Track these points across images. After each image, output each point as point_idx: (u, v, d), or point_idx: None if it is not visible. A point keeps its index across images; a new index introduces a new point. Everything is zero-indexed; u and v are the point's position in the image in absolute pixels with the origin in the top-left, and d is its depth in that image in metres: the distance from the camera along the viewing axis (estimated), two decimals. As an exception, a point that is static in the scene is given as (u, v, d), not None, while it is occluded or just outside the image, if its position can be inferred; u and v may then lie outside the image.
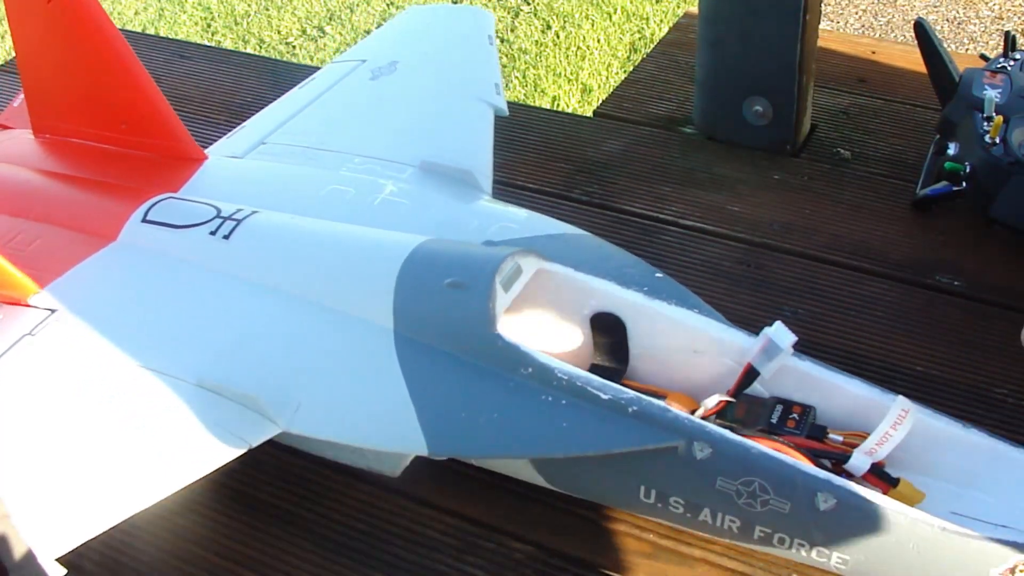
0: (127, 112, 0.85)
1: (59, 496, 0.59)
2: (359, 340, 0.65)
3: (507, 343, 0.59)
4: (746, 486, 0.54)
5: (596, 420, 0.57)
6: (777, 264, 0.85)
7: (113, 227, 0.76)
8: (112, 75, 0.83)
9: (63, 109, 0.87)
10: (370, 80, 0.96)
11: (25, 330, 0.69)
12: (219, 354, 0.66)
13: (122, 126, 0.85)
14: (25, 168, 0.85)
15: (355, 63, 0.99)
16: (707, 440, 0.54)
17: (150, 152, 0.85)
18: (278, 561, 0.64)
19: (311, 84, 0.98)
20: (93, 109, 0.85)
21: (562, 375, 0.58)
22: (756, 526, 0.55)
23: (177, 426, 0.62)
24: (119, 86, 0.83)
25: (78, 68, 0.83)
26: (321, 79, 0.98)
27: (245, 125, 0.94)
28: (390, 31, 1.08)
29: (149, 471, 0.60)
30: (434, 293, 0.62)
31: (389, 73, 0.96)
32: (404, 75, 0.96)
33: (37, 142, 0.89)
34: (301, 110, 0.93)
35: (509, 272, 0.62)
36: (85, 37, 0.81)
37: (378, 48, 1.02)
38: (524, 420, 0.58)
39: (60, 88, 0.86)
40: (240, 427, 0.62)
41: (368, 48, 1.03)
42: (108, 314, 0.70)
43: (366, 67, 0.98)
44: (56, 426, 0.63)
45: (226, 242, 0.72)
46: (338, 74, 0.98)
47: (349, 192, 0.78)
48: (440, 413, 0.60)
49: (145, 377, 0.65)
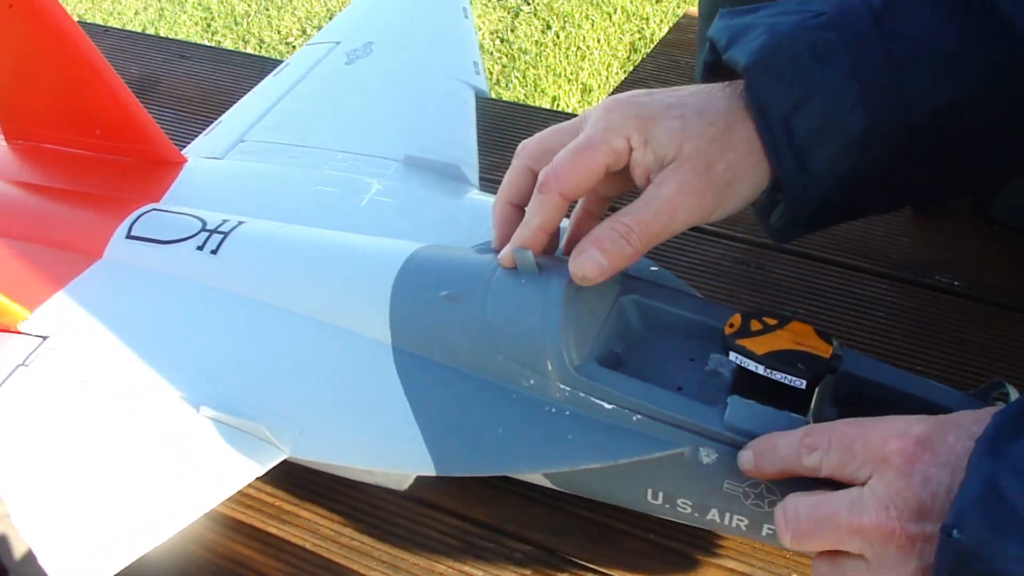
0: (100, 117, 0.83)
1: (69, 536, 0.58)
2: (358, 357, 0.64)
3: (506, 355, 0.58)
4: (753, 488, 0.54)
5: (601, 431, 0.56)
6: (777, 264, 0.85)
7: (97, 244, 0.75)
8: (80, 80, 0.81)
9: (34, 116, 0.85)
10: (346, 65, 0.94)
11: (18, 360, 0.68)
12: (217, 378, 0.65)
13: (96, 132, 0.83)
14: (0, 180, 0.84)
15: (329, 45, 0.97)
16: (713, 445, 0.54)
17: (127, 156, 0.84)
18: (278, 561, 0.64)
19: (285, 71, 0.96)
20: (65, 115, 0.84)
21: (564, 386, 0.57)
22: (764, 524, 0.55)
23: (182, 458, 0.61)
24: (89, 91, 0.82)
25: (44, 74, 0.82)
26: (295, 64, 0.96)
27: (222, 121, 0.92)
28: (362, 6, 1.06)
29: (154, 508, 0.59)
30: (430, 306, 0.61)
31: (365, 55, 0.94)
32: (380, 57, 0.94)
33: (10, 149, 0.87)
34: (278, 101, 0.92)
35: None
36: (50, 42, 0.80)
37: (351, 27, 1.00)
38: (529, 434, 0.57)
39: (29, 95, 0.84)
40: (247, 455, 0.61)
41: (341, 27, 1.01)
42: (101, 339, 0.69)
43: (340, 50, 0.96)
44: (56, 462, 0.62)
45: (214, 257, 0.71)
46: (312, 59, 0.96)
47: (335, 193, 0.77)
48: (445, 432, 0.59)
49: (144, 407, 0.64)
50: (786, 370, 0.53)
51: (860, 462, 0.46)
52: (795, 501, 0.48)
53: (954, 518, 0.41)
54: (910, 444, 0.44)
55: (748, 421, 0.53)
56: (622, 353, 0.61)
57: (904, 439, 0.44)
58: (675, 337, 0.62)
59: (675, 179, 0.55)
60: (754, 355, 0.54)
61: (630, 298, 0.62)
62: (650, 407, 0.55)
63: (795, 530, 0.47)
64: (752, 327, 0.55)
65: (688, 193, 0.54)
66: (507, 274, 0.60)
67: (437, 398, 0.61)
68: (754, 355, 0.54)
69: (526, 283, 0.59)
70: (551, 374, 0.57)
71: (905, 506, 0.44)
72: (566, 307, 0.57)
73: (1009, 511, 0.40)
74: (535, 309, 0.58)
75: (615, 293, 0.62)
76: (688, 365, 0.60)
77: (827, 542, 0.47)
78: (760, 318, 0.55)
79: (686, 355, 0.61)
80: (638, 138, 0.55)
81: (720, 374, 0.59)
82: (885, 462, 0.45)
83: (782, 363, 0.53)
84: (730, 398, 0.54)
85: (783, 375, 0.53)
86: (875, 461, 0.45)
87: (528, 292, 0.58)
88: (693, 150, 0.55)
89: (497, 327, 0.59)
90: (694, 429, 0.54)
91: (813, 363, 0.53)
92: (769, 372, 0.54)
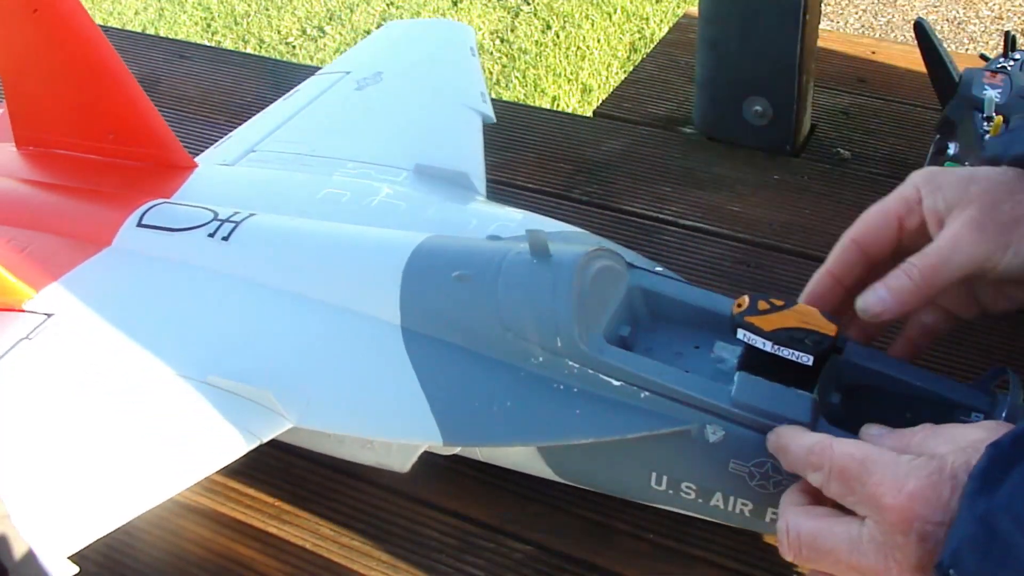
0: (115, 122, 0.83)
1: (65, 496, 0.58)
2: (367, 335, 0.64)
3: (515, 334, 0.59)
4: (759, 467, 0.54)
5: (608, 407, 0.57)
6: (777, 264, 0.85)
7: (107, 232, 0.75)
8: (101, 85, 0.81)
9: (49, 120, 0.85)
10: (356, 90, 0.96)
11: (21, 334, 0.68)
12: (225, 351, 0.66)
13: (110, 136, 0.83)
14: (10, 179, 0.84)
15: (339, 75, 0.99)
16: (720, 423, 0.54)
17: (139, 161, 0.84)
18: (278, 561, 0.64)
19: (296, 96, 0.98)
20: (80, 120, 0.84)
21: (572, 364, 0.58)
22: (768, 508, 0.56)
23: (185, 422, 0.62)
24: (108, 96, 0.82)
25: (66, 79, 0.82)
26: (305, 90, 0.98)
27: (232, 135, 0.93)
28: (371, 44, 1.09)
29: (157, 469, 0.59)
30: (441, 286, 0.62)
31: (375, 83, 0.96)
32: (390, 85, 0.96)
33: (21, 154, 0.87)
34: (289, 119, 0.93)
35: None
36: (74, 47, 0.80)
37: (361, 60, 1.03)
38: (537, 409, 0.58)
39: (46, 99, 0.84)
40: (250, 422, 0.62)
41: (350, 61, 1.04)
42: (108, 316, 0.69)
43: (351, 78, 0.98)
44: (58, 426, 0.62)
45: (225, 243, 0.71)
46: (322, 86, 0.98)
47: (345, 195, 0.78)
48: (452, 404, 0.60)
49: (149, 375, 0.65)
50: (794, 346, 0.54)
51: (858, 499, 0.46)
52: (796, 520, 0.49)
53: (950, 558, 0.41)
54: (904, 501, 0.44)
55: (755, 397, 0.54)
56: (629, 338, 0.61)
57: (898, 496, 0.44)
58: (681, 326, 0.63)
59: (959, 217, 0.56)
60: (762, 331, 0.54)
61: (637, 287, 0.63)
62: (658, 384, 0.56)
63: (796, 553, 0.49)
64: (760, 307, 0.55)
65: (970, 228, 0.55)
66: (519, 256, 0.61)
67: (445, 373, 0.61)
68: (762, 331, 0.54)
69: (538, 263, 0.60)
70: (560, 351, 0.58)
71: (904, 559, 0.44)
72: (577, 286, 0.58)
73: (1004, 548, 0.40)
74: (546, 287, 0.59)
75: (624, 281, 0.63)
76: (694, 352, 0.61)
77: (827, 570, 0.48)
78: (767, 299, 0.56)
79: (692, 343, 0.62)
80: (927, 187, 0.58)
81: (725, 360, 0.60)
82: (882, 511, 0.45)
83: (790, 340, 0.54)
84: (737, 374, 0.55)
85: (791, 351, 0.54)
86: (872, 506, 0.45)
87: (540, 271, 0.59)
88: (979, 191, 0.56)
89: (507, 305, 0.60)
90: (702, 406, 0.55)
91: (820, 340, 0.54)
92: (777, 349, 0.54)
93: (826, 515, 0.48)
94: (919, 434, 0.48)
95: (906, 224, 0.59)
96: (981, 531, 0.41)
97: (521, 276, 0.60)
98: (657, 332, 0.63)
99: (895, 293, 0.56)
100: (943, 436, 0.47)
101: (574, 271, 0.59)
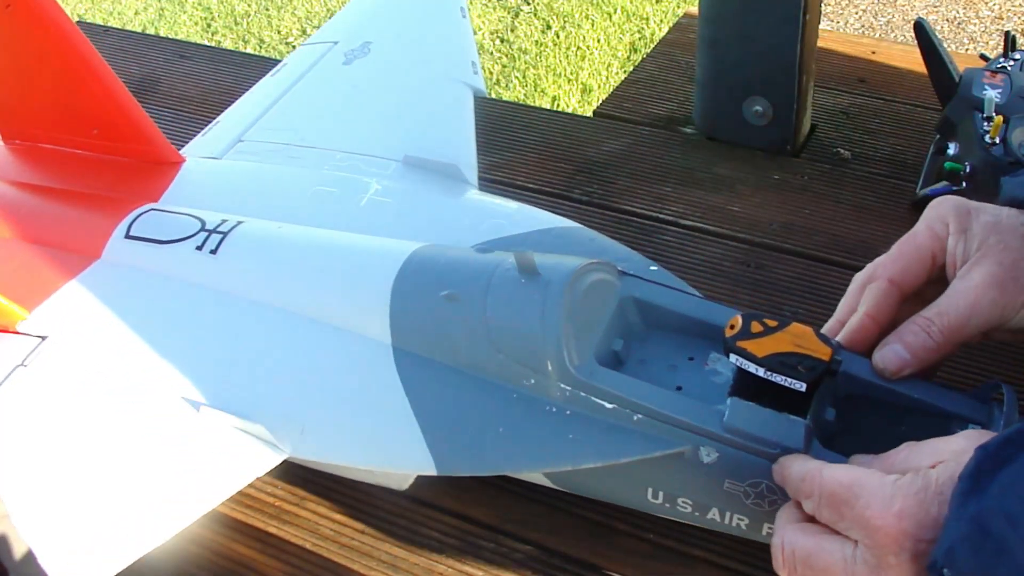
0: (98, 117, 0.83)
1: (69, 536, 0.58)
2: (358, 357, 0.64)
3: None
4: (753, 487, 0.54)
5: (601, 430, 0.56)
6: (777, 264, 0.85)
7: (96, 244, 0.75)
8: (78, 80, 0.81)
9: (31, 115, 0.85)
10: (344, 65, 0.94)
11: (17, 360, 0.68)
12: (217, 378, 0.65)
13: (94, 131, 0.83)
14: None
15: (327, 45, 0.97)
16: (713, 445, 0.54)
17: (125, 156, 0.83)
18: (278, 561, 0.64)
19: (283, 71, 0.96)
20: (62, 115, 0.84)
21: (564, 386, 0.57)
22: (765, 523, 0.55)
23: (182, 459, 0.61)
24: (86, 91, 0.82)
25: (41, 74, 0.82)
26: (293, 64, 0.97)
27: (219, 121, 0.92)
28: (359, 6, 1.06)
29: (154, 509, 0.59)
30: (430, 306, 0.62)
31: (363, 56, 0.94)
32: (378, 58, 0.94)
33: (7, 149, 0.87)
34: (276, 101, 0.92)
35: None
36: (48, 43, 0.80)
37: (349, 27, 1.00)
38: (530, 434, 0.57)
39: (28, 95, 0.84)
40: (247, 455, 0.61)
41: (338, 28, 1.02)
42: (100, 340, 0.69)
43: (338, 50, 0.96)
44: (56, 462, 0.62)
45: (213, 257, 0.71)
46: (310, 59, 0.96)
47: (334, 193, 0.77)
48: (445, 432, 0.59)
49: (143, 407, 0.64)
50: (786, 373, 0.53)
51: (848, 524, 0.46)
52: (792, 537, 0.49)
53: (944, 556, 0.42)
54: (892, 521, 0.44)
55: (747, 423, 0.53)
56: (622, 352, 0.61)
57: (887, 517, 0.44)
58: (675, 335, 0.62)
59: (979, 271, 0.55)
60: (755, 357, 0.53)
61: (630, 297, 0.62)
62: (650, 407, 0.55)
63: (791, 570, 0.49)
64: (752, 329, 0.55)
65: (990, 285, 0.55)
66: (507, 274, 0.60)
67: (438, 398, 0.61)
68: (755, 357, 0.53)
69: (526, 283, 0.59)
70: (551, 374, 0.57)
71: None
72: (566, 307, 0.57)
73: (997, 546, 0.40)
74: (535, 309, 0.58)
75: (616, 292, 0.62)
76: (688, 364, 0.60)
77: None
78: (760, 320, 0.55)
79: (686, 353, 0.61)
80: (956, 226, 0.57)
81: (720, 372, 0.59)
82: (872, 534, 0.45)
83: (782, 366, 0.53)
84: (730, 399, 0.54)
85: (783, 378, 0.53)
86: (862, 529, 0.45)
87: (528, 292, 0.58)
88: (998, 243, 0.55)
89: (497, 327, 0.59)
90: (694, 430, 0.54)
91: (813, 366, 0.53)
92: (769, 375, 0.53)
93: (821, 532, 0.48)
94: (903, 452, 0.48)
95: (937, 261, 0.58)
96: (973, 530, 0.41)
97: (509, 297, 0.59)
98: (650, 342, 0.62)
99: (915, 351, 0.55)
100: (926, 450, 0.47)
101: (563, 292, 0.58)
